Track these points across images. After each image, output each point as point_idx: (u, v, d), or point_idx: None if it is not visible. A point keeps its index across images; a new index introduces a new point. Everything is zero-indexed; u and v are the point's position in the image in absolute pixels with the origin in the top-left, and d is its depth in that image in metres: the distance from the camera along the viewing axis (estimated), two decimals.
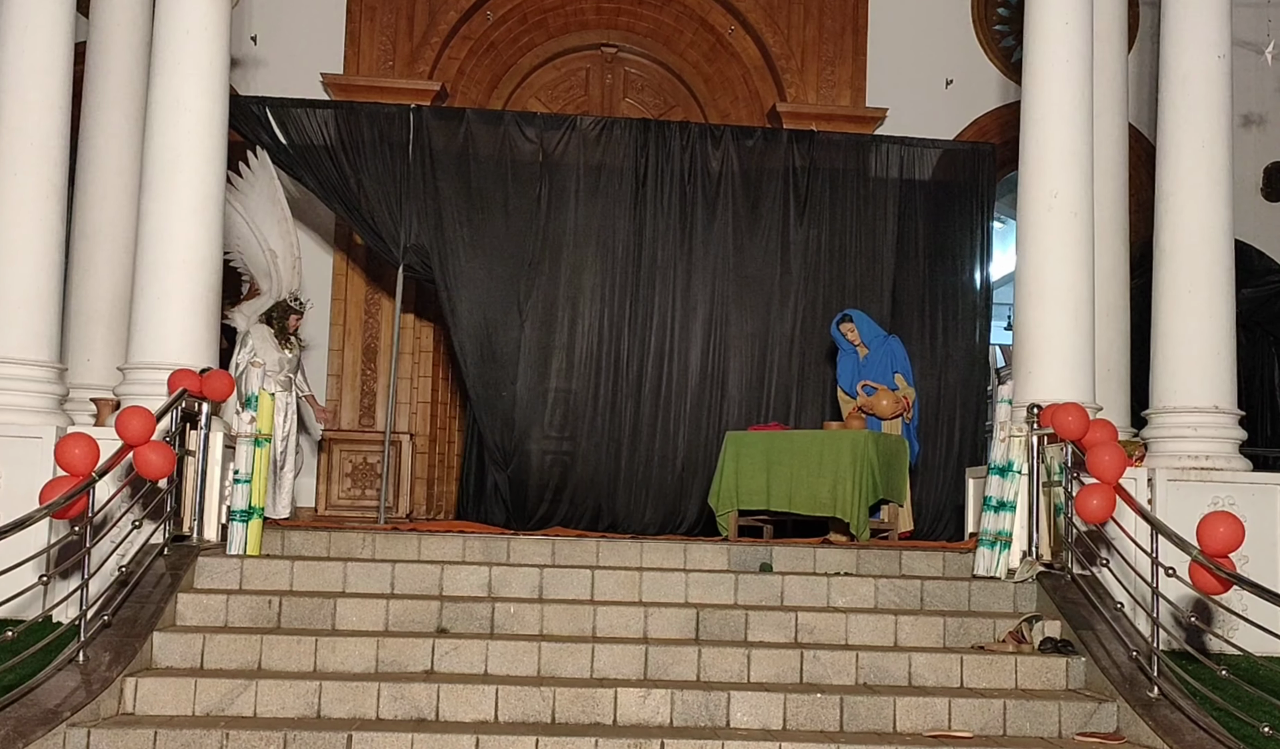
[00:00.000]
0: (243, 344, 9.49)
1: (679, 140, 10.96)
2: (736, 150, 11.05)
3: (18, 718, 5.22)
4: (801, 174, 11.06)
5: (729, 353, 10.93)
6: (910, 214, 11.25)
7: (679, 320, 10.86)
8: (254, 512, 7.37)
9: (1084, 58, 8.07)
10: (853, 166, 11.21)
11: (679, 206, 10.92)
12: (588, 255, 10.80)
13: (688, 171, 10.94)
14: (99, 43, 9.11)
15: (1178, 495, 7.57)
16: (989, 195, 11.44)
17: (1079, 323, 7.93)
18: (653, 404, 10.76)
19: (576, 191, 10.79)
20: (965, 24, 12.94)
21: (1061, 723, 6.02)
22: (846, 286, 11.04)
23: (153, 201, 7.67)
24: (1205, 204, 7.99)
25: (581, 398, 10.69)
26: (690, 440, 10.74)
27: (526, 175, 10.78)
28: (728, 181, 10.99)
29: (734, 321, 10.95)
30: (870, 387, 9.58)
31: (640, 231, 10.84)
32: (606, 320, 10.78)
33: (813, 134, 11.29)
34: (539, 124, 10.95)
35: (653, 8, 12.84)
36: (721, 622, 6.77)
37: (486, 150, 10.80)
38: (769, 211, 11.04)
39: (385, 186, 10.48)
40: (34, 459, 6.99)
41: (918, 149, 11.37)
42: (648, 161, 10.87)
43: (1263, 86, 12.71)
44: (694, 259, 10.93)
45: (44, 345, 7.42)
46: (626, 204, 10.85)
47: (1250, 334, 11.64)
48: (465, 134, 10.74)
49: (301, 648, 6.27)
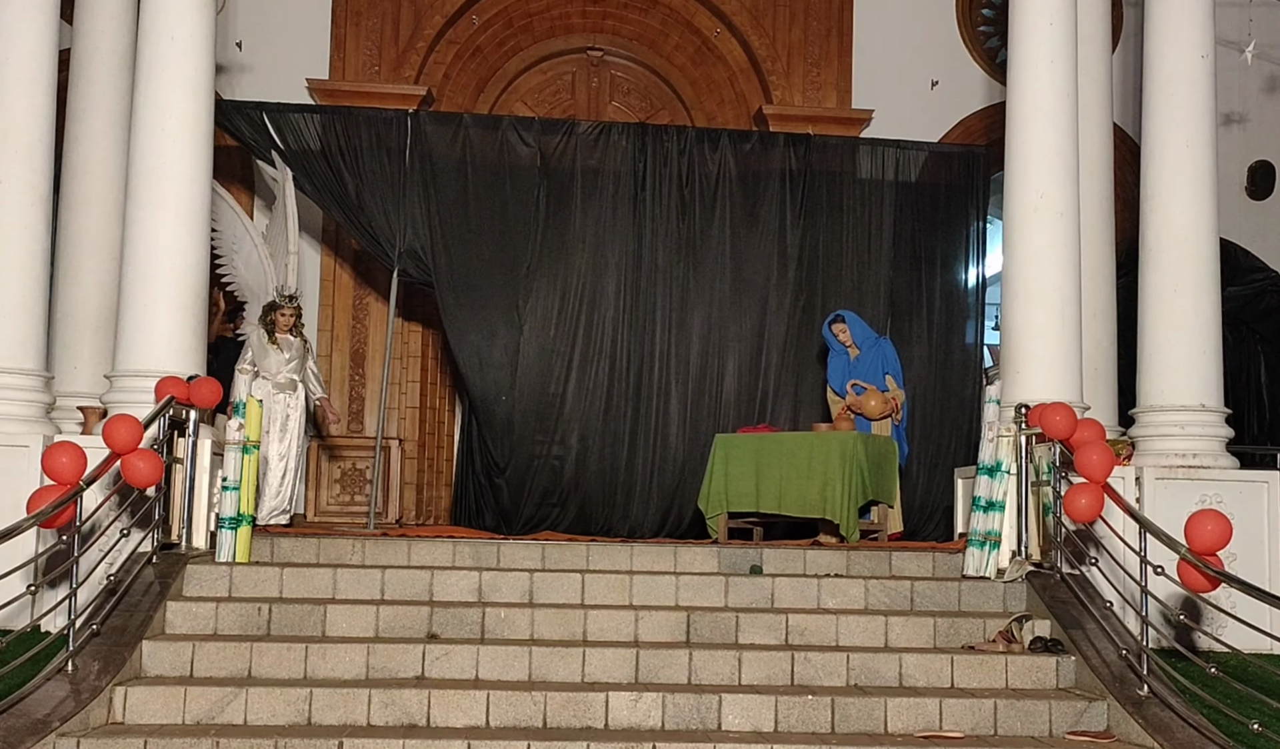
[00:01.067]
0: (244, 352, 9.49)
1: (676, 144, 10.97)
2: (733, 154, 11.07)
3: (7, 728, 5.19)
4: (797, 177, 11.08)
5: (726, 356, 10.95)
6: (905, 216, 11.29)
7: (676, 324, 10.87)
8: (243, 519, 7.35)
9: (1068, 58, 8.10)
10: (848, 169, 11.24)
11: (677, 210, 10.93)
12: (585, 260, 10.80)
13: (685, 175, 10.96)
14: (83, 50, 9.07)
15: (1166, 494, 7.59)
16: (983, 198, 11.48)
17: (1066, 322, 7.95)
18: (650, 407, 10.76)
19: (574, 196, 10.79)
20: (950, 25, 12.97)
21: (1052, 722, 6.04)
22: (841, 288, 11.07)
23: (138, 209, 7.65)
24: (1190, 203, 8.02)
25: (580, 402, 10.69)
26: (689, 443, 10.74)
27: (524, 180, 10.78)
28: (724, 185, 11.02)
29: (730, 325, 10.97)
30: (860, 386, 9.61)
31: (639, 236, 10.86)
32: (605, 324, 10.78)
33: (809, 138, 11.32)
34: (536, 129, 10.95)
35: (638, 11, 12.86)
36: (712, 624, 6.77)
37: (484, 155, 10.79)
38: (765, 215, 11.06)
39: (382, 191, 10.48)
40: (21, 468, 6.97)
41: (913, 151, 11.40)
42: (645, 166, 10.88)
43: (1246, 85, 12.77)
44: (691, 263, 10.94)
45: (30, 353, 7.39)
46: (625, 208, 10.86)
47: (1236, 332, 11.69)
48: (462, 139, 10.74)
49: (291, 655, 6.25)
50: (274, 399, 9.41)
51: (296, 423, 9.60)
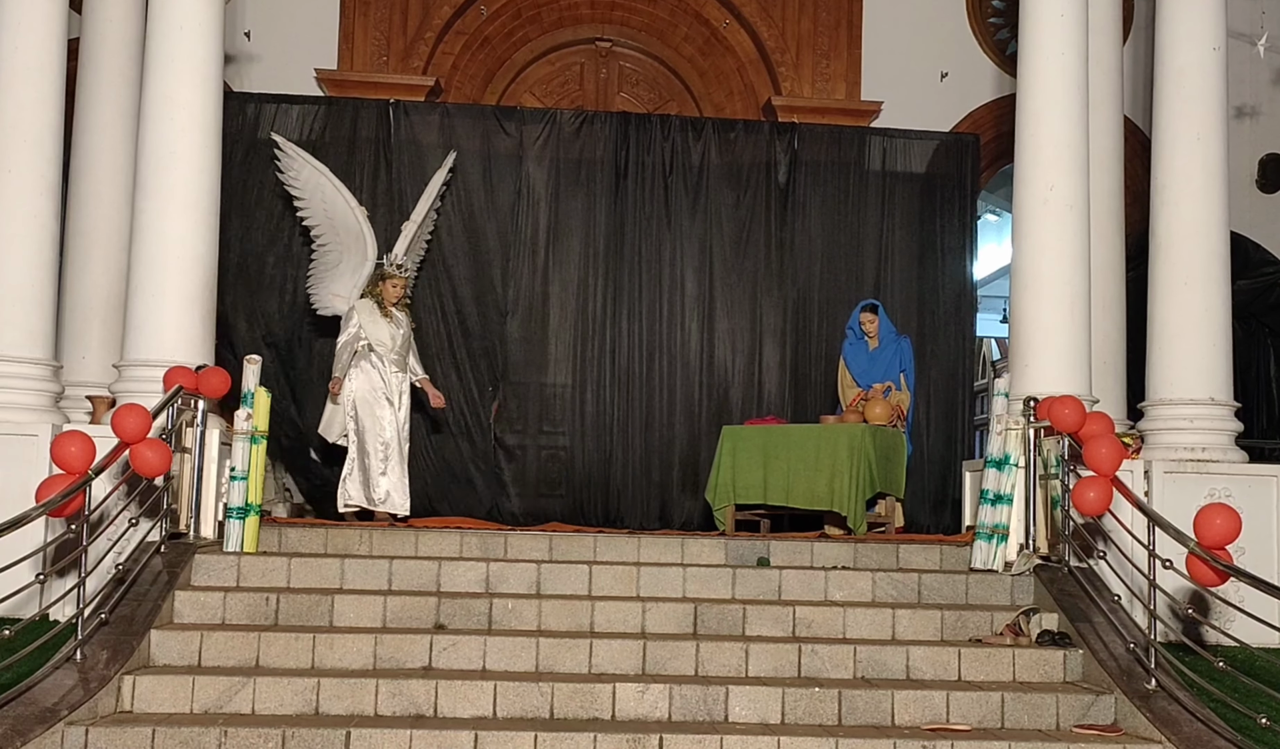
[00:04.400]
0: (346, 324, 8.85)
1: (660, 133, 10.95)
2: (718, 143, 11.04)
3: (16, 717, 5.21)
4: (784, 166, 11.05)
5: (718, 346, 10.92)
6: (897, 206, 11.24)
7: (664, 315, 10.85)
8: (250, 508, 7.36)
9: (1079, 50, 8.07)
10: (836, 158, 11.20)
11: (662, 199, 10.92)
12: (570, 249, 10.80)
13: (669, 164, 10.93)
14: (92, 39, 9.08)
15: (1174, 487, 7.58)
16: (974, 186, 11.43)
17: (1075, 315, 7.93)
18: (641, 398, 10.75)
19: (557, 185, 10.77)
20: (960, 17, 12.92)
21: (1059, 715, 6.03)
22: (837, 279, 11.02)
23: (147, 198, 7.65)
24: (1200, 196, 7.99)
25: (569, 392, 10.69)
26: (680, 434, 10.72)
27: (507, 169, 10.76)
28: (710, 174, 10.98)
29: (721, 315, 10.94)
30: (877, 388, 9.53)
31: (621, 225, 10.84)
32: (590, 315, 10.77)
33: (795, 126, 11.29)
34: (518, 118, 10.95)
35: (647, 2, 12.82)
36: (719, 616, 6.77)
37: (467, 144, 10.78)
38: (753, 204, 11.02)
39: (364, 181, 10.45)
40: (30, 457, 6.98)
41: (902, 140, 11.36)
42: (628, 155, 10.86)
43: (1257, 78, 12.70)
44: (677, 252, 10.92)
45: (39, 343, 7.41)
46: (608, 197, 10.84)
47: (1246, 326, 11.65)
48: (446, 128, 10.73)
49: (299, 645, 6.26)
50: (385, 377, 8.80)
51: (406, 403, 8.96)
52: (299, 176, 9.48)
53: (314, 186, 9.44)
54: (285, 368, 10.34)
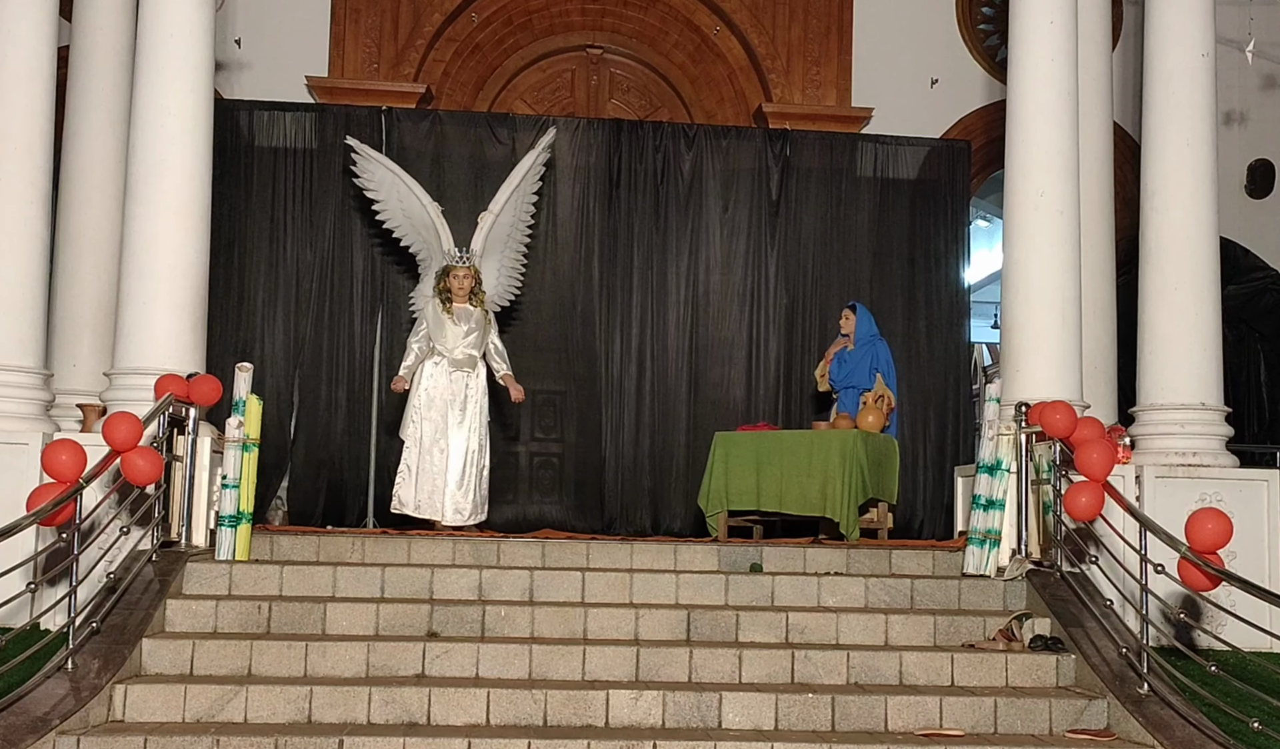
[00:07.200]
0: (417, 325, 8.74)
1: (652, 140, 10.97)
2: (710, 150, 11.08)
3: (7, 726, 5.18)
4: (776, 173, 11.09)
5: (710, 353, 10.95)
6: (888, 212, 11.31)
7: (656, 321, 10.88)
8: (242, 517, 7.34)
9: (1068, 56, 8.10)
10: (828, 165, 11.25)
11: (654, 206, 10.94)
12: (562, 256, 10.81)
13: (661, 171, 10.97)
14: (82, 46, 9.07)
15: (1166, 492, 7.60)
16: (965, 192, 11.48)
17: (1066, 321, 7.95)
18: (633, 405, 10.77)
19: (550, 192, 10.78)
20: (950, 23, 12.97)
21: (1052, 720, 6.03)
22: (829, 285, 11.07)
23: (138, 206, 7.64)
24: (1190, 202, 8.02)
25: (561, 399, 10.70)
26: (673, 441, 10.74)
27: (499, 176, 10.76)
28: (702, 181, 11.02)
29: (713, 321, 10.96)
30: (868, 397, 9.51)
31: (614, 232, 10.85)
32: (582, 322, 10.77)
33: (786, 133, 11.32)
34: (510, 125, 10.96)
35: (638, 9, 12.85)
36: (712, 622, 6.77)
37: (459, 151, 10.80)
38: (745, 210, 11.09)
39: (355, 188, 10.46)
40: (20, 466, 6.96)
41: (893, 147, 11.42)
42: (620, 162, 10.88)
43: (1246, 83, 12.76)
44: (669, 259, 10.93)
45: (29, 351, 7.38)
46: (600, 204, 10.85)
47: (1236, 331, 11.70)
48: (437, 135, 10.73)
49: (292, 653, 6.24)
50: (451, 378, 8.51)
51: (477, 406, 8.55)
52: (374, 177, 9.39)
53: (389, 186, 9.34)
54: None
